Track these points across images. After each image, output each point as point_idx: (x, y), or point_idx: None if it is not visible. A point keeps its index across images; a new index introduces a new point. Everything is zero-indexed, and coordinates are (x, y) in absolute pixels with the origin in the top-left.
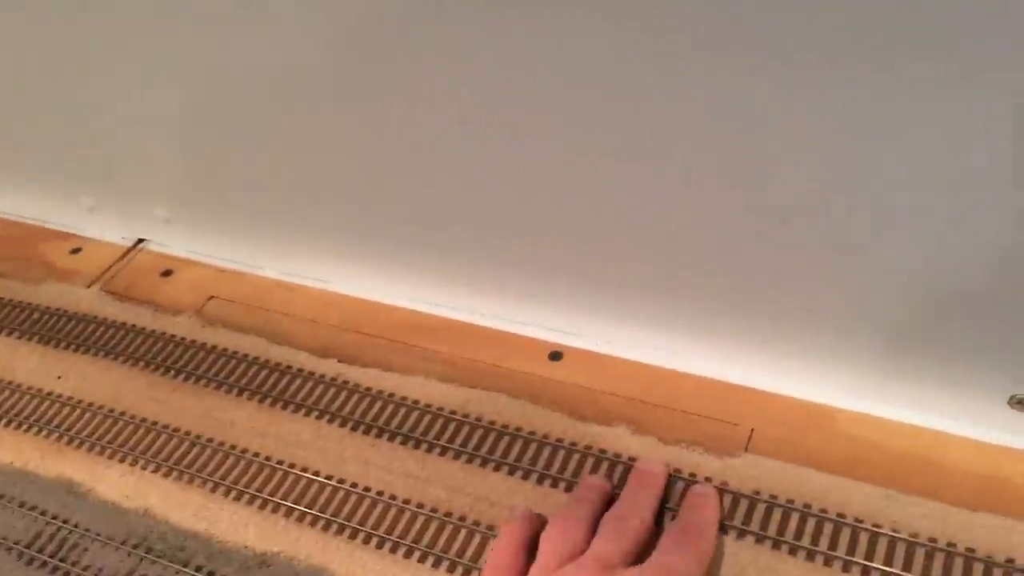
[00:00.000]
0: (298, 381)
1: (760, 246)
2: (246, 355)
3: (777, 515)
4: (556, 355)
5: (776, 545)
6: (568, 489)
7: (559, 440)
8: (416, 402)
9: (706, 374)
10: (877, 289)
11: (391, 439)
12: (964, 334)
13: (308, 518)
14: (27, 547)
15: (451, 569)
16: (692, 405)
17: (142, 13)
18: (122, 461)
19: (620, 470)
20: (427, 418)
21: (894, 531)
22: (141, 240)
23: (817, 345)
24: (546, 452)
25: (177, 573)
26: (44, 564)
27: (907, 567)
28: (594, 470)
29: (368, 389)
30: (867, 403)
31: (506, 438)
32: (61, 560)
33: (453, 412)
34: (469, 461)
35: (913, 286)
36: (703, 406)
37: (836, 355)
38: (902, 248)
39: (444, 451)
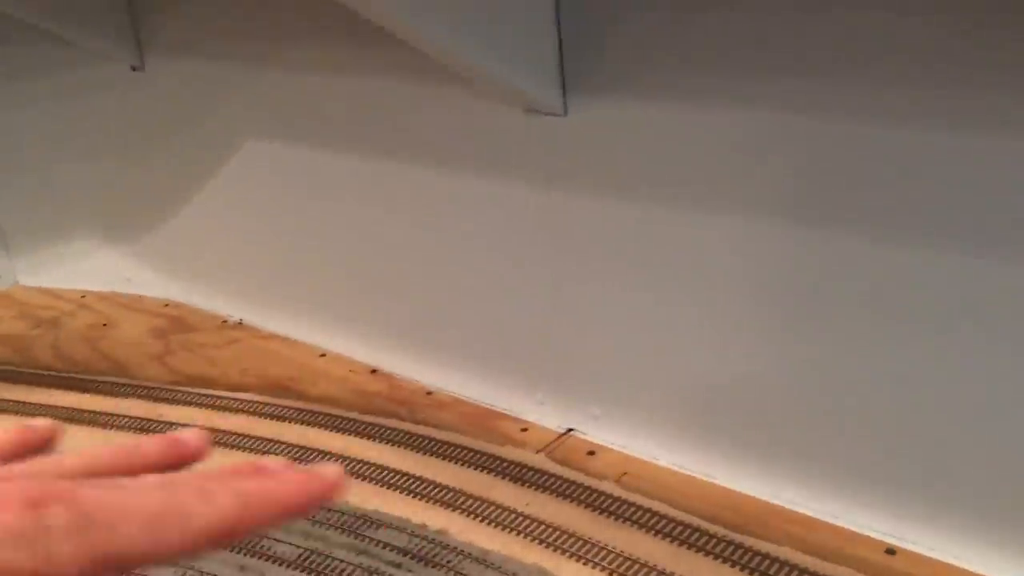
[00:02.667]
0: (696, 534)
1: None
2: (656, 512)
3: None
4: (891, 551)
5: None
6: None
7: None
8: (787, 561)
9: None
10: None
11: None
12: None
13: None
14: None
15: None
16: None
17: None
18: (578, 561)
19: None
20: (795, 573)
21: None
22: (571, 429)
23: None
24: None
25: None
26: None
27: None
28: None
29: (750, 548)
30: None
31: None
32: None
33: (815, 572)
34: None
35: None
36: None
37: None
38: None
39: None
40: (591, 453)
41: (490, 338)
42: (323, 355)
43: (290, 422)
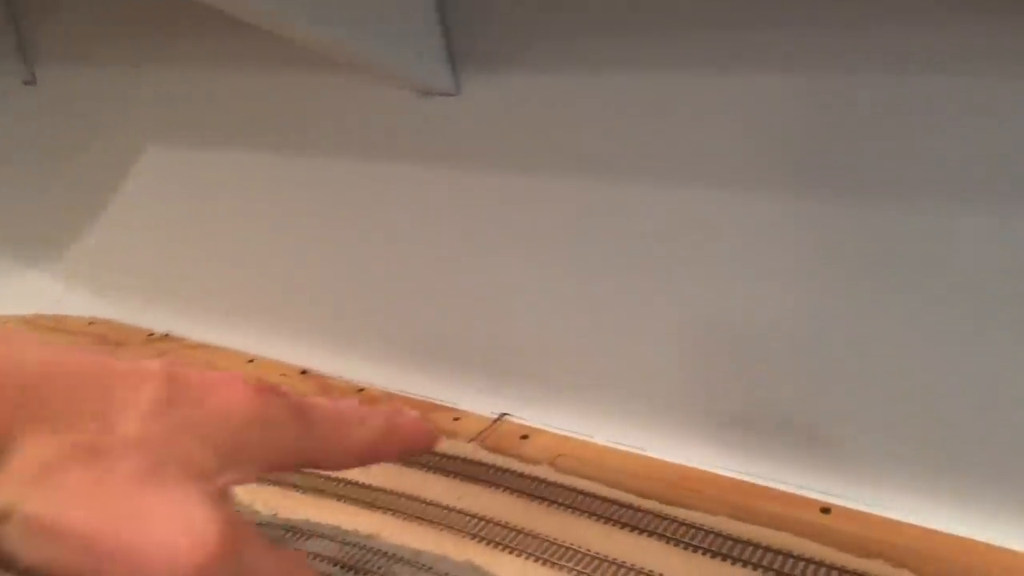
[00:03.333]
0: (629, 511)
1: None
2: (588, 492)
3: None
4: (826, 510)
5: None
6: None
7: (831, 564)
8: (721, 531)
9: (951, 531)
10: None
11: (703, 554)
12: None
13: None
14: None
15: None
16: (941, 552)
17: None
18: (511, 553)
19: None
20: (729, 543)
21: None
22: (504, 414)
23: None
24: (822, 571)
25: None
26: None
27: None
28: None
29: (683, 520)
30: None
31: (791, 559)
32: None
33: (749, 540)
34: (764, 574)
35: None
36: (951, 553)
37: None
38: None
39: (744, 565)
40: (524, 437)
41: (416, 327)
42: (252, 360)
43: None
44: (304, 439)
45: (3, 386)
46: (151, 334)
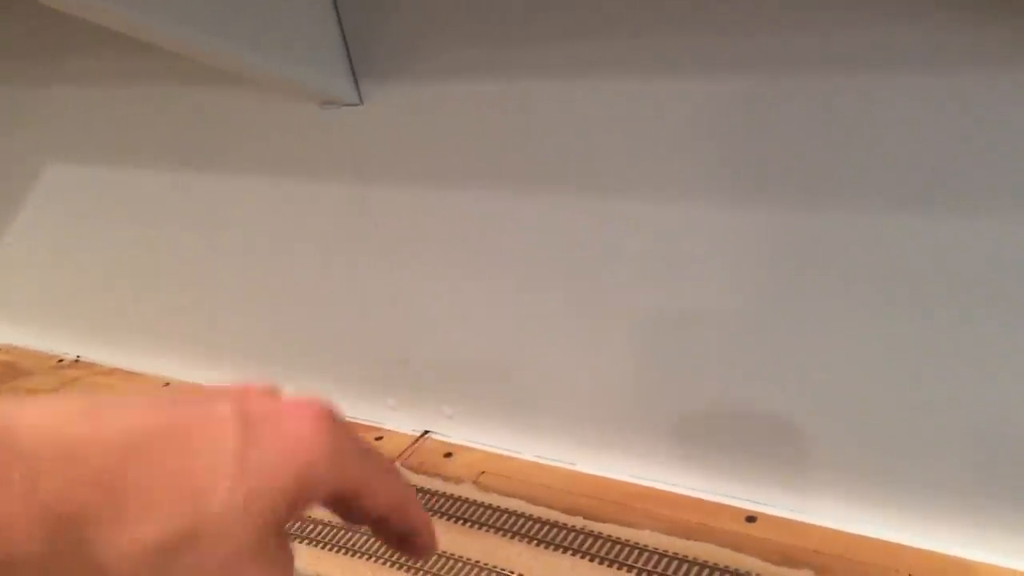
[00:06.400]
0: (554, 530)
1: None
2: (513, 511)
3: None
4: (751, 518)
5: None
6: None
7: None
8: (646, 546)
9: (874, 534)
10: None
11: (628, 571)
12: None
13: None
14: None
15: None
16: (863, 556)
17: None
18: None
19: None
20: (655, 558)
21: None
22: (427, 431)
23: (959, 509)
24: None
25: None
26: None
27: None
28: None
29: (609, 536)
30: (1002, 557)
31: (716, 573)
32: None
33: (675, 554)
34: None
35: None
36: (871, 556)
37: (977, 517)
38: None
39: None
40: (448, 455)
41: (333, 346)
42: (167, 384)
43: None
44: (365, 472)
45: (86, 469)
46: (61, 360)
